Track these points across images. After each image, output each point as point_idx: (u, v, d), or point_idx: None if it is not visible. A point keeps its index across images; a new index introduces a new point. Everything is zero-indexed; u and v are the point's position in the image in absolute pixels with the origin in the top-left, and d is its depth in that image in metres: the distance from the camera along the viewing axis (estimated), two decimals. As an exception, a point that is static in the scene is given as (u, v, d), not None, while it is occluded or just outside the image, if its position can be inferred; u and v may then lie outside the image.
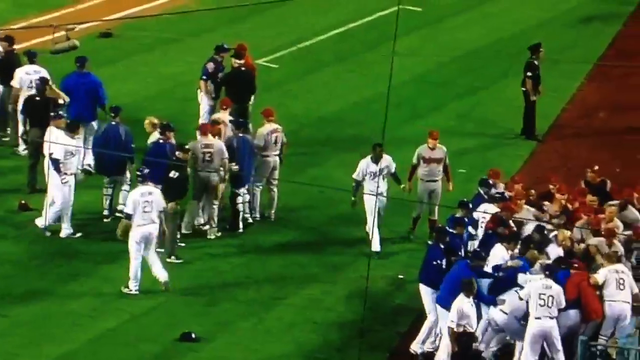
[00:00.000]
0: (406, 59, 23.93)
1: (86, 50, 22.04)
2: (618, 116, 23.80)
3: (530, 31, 27.14)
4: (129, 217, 17.38)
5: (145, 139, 19.17)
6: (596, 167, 18.53)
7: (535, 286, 15.51)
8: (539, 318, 15.38)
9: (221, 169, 18.66)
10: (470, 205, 17.33)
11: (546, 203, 17.56)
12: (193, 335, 16.52)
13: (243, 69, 21.41)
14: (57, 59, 22.38)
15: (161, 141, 18.79)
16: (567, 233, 16.52)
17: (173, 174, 17.97)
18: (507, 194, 17.76)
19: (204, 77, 21.34)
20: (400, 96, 22.70)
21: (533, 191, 18.00)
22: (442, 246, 16.24)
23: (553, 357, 15.39)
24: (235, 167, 18.80)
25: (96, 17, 26.52)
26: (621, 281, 15.79)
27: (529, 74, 22.41)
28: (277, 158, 19.54)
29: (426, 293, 16.17)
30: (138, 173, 17.85)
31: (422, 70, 25.45)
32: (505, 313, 15.54)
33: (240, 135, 19.27)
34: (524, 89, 22.54)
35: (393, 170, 18.36)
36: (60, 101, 20.28)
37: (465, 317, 15.38)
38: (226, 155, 18.75)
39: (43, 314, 16.95)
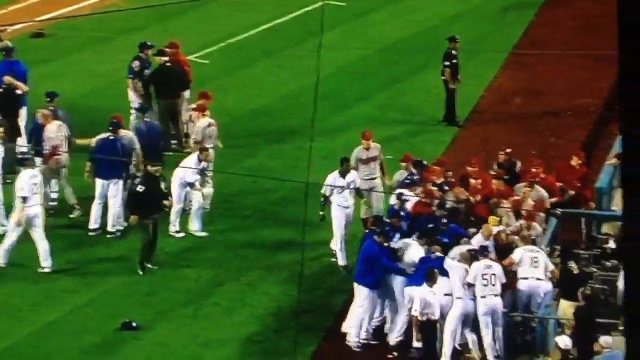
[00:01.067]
0: (332, 52, 23.98)
1: (19, 50, 21.71)
2: (532, 101, 24.16)
3: (450, 22, 27.42)
4: (25, 200, 17.23)
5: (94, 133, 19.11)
6: (508, 150, 18.83)
7: (478, 267, 15.62)
8: (484, 297, 15.50)
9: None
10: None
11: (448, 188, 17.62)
12: (134, 324, 16.43)
13: (168, 64, 21.31)
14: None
15: (111, 137, 18.72)
16: (492, 227, 16.37)
17: (140, 187, 17.46)
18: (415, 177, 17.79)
19: (130, 76, 21.23)
20: (328, 88, 22.76)
21: (450, 173, 18.15)
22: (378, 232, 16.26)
23: (495, 330, 15.51)
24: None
25: (28, 18, 26.14)
26: (535, 259, 15.97)
27: (446, 63, 22.64)
28: (212, 151, 19.54)
29: None
30: (27, 156, 17.75)
31: (347, 63, 25.54)
32: (461, 298, 15.60)
33: (147, 120, 19.26)
34: (443, 77, 22.80)
35: (357, 185, 18.02)
36: (18, 91, 20.10)
37: (429, 306, 15.46)
38: (137, 145, 18.87)
39: (-15, 310, 16.73)
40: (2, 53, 20.82)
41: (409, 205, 17.15)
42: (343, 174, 17.93)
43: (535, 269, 15.93)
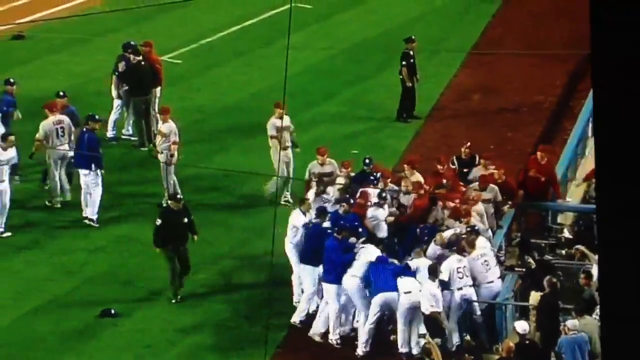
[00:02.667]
0: (299, 52, 24.17)
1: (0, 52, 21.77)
2: (490, 98, 24.48)
3: (412, 23, 27.70)
4: None
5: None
6: (468, 144, 19.07)
7: (450, 263, 15.70)
8: (460, 289, 15.63)
9: None
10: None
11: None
12: (112, 311, 16.55)
13: (143, 63, 21.40)
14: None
15: (84, 129, 18.93)
16: (445, 235, 16.22)
17: (158, 221, 16.62)
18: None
19: (116, 73, 21.33)
20: (295, 86, 22.94)
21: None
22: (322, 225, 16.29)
23: (474, 316, 15.73)
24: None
25: (8, 21, 26.15)
26: (486, 263, 15.88)
27: (404, 62, 22.88)
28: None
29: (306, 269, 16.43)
30: None
31: (314, 62, 25.73)
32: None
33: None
34: (400, 76, 23.03)
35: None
36: None
37: (437, 301, 15.45)
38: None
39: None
40: None
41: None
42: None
43: (489, 269, 15.84)
